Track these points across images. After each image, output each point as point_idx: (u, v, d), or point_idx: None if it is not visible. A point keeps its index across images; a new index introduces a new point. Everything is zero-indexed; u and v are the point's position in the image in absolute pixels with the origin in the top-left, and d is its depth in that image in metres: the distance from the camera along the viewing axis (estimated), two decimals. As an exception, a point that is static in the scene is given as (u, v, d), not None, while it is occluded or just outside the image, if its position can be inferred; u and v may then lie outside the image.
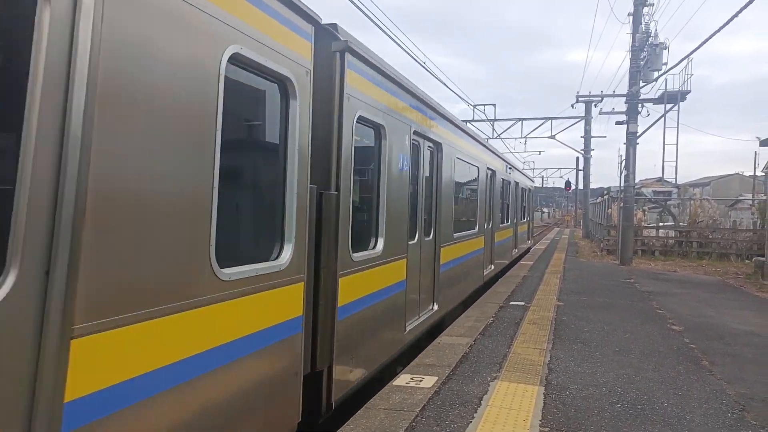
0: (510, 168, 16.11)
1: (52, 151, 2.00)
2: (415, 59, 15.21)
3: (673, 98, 22.15)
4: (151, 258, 2.43)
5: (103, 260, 2.18)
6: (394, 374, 5.80)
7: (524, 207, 20.30)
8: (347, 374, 4.84)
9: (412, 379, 5.44)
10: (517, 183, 17.63)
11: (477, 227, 10.67)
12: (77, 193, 2.06)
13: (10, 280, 1.87)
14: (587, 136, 35.27)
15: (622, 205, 20.42)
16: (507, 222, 15.52)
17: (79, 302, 2.08)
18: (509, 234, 16.04)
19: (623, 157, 21.04)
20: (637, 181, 21.89)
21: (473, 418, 4.51)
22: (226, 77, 2.98)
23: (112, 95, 2.21)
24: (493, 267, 12.89)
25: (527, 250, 21.53)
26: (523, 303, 9.95)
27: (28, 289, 1.93)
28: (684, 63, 20.49)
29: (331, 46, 4.46)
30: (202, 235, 2.79)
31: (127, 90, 2.30)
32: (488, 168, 12.09)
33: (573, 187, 52.57)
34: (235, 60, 3.12)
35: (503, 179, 14.55)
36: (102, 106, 2.16)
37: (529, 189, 22.29)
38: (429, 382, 5.35)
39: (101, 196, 2.17)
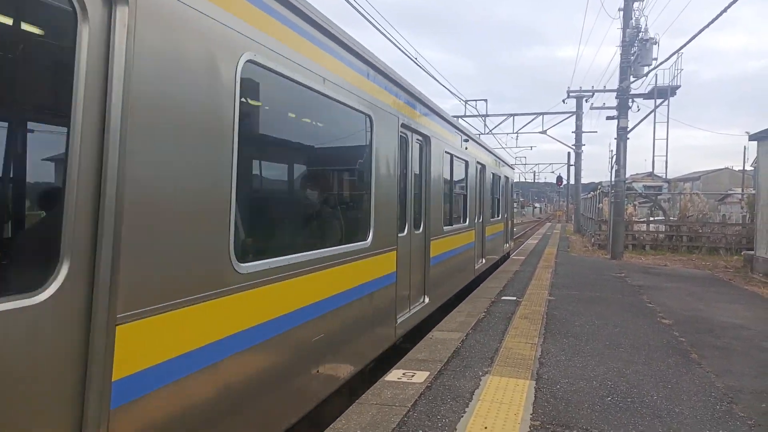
0: (468, 141, 10.99)
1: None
2: (406, 54, 15.20)
3: (663, 93, 22.32)
4: None
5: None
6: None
7: (498, 200, 15.52)
8: None
9: (404, 374, 5.45)
10: (483, 166, 12.83)
11: (368, 237, 5.57)
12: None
13: None
14: (578, 132, 35.42)
15: (612, 200, 20.53)
16: (464, 221, 10.65)
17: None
18: (467, 240, 10.89)
19: (614, 152, 21.16)
20: (627, 176, 22.02)
21: (465, 412, 4.52)
22: None
23: None
24: (427, 301, 7.75)
25: (504, 258, 17.31)
26: (514, 298, 9.99)
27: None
28: (674, 58, 20.67)
29: None
30: None
31: None
32: (406, 127, 6.87)
33: (564, 182, 52.88)
34: None
35: (453, 156, 9.58)
36: None
37: (506, 177, 17.47)
38: (421, 377, 5.36)
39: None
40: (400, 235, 6.55)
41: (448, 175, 9.34)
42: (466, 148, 10.80)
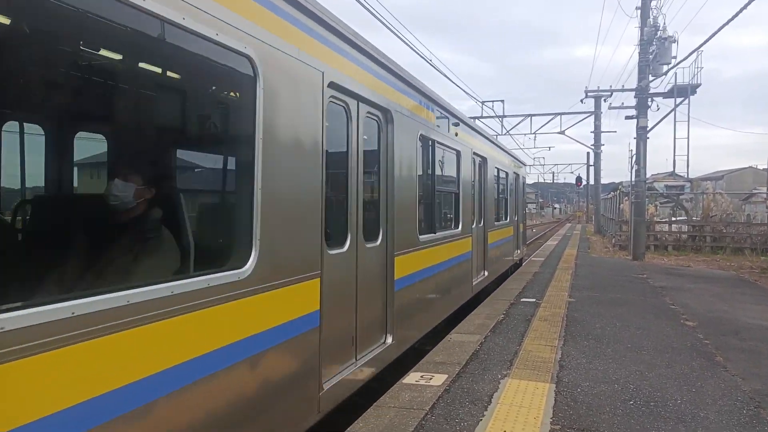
0: (459, 126, 8.71)
1: None
2: (420, 56, 15.20)
3: (683, 92, 21.98)
4: None
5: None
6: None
7: (505, 201, 13.58)
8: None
9: (422, 377, 5.42)
10: (483, 159, 10.73)
11: (246, 263, 3.33)
12: None
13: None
14: (597, 132, 35.06)
15: (633, 200, 20.25)
16: (455, 227, 8.61)
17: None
18: (460, 250, 8.78)
19: (634, 152, 20.87)
20: (648, 175, 21.74)
21: (483, 416, 4.47)
22: None
23: None
24: (390, 341, 5.64)
25: (516, 265, 15.53)
26: (534, 299, 9.89)
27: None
28: (693, 56, 20.35)
29: None
30: None
31: None
32: (343, 92, 4.69)
33: (584, 182, 52.36)
34: None
35: (436, 143, 7.44)
36: None
37: (516, 174, 15.23)
38: (439, 380, 5.33)
39: None
40: (331, 252, 4.41)
41: (427, 168, 7.22)
42: (457, 135, 8.54)
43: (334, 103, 4.58)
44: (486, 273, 10.97)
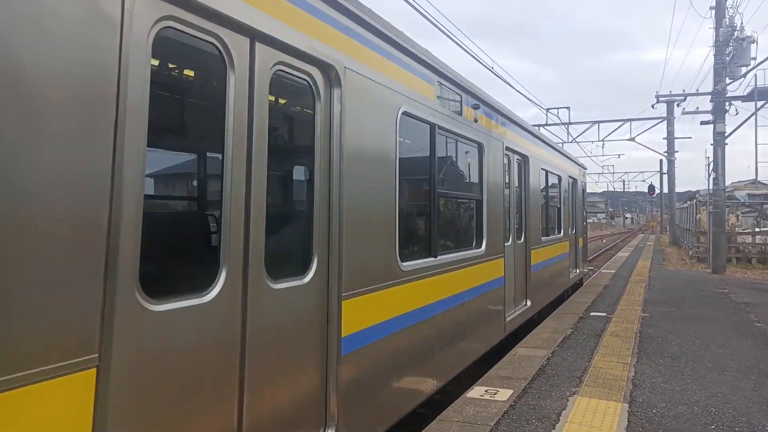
0: (479, 109, 6.53)
1: None
2: (482, 64, 15.04)
3: (764, 95, 20.69)
4: None
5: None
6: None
7: (558, 210, 11.56)
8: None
9: (486, 391, 5.30)
10: (524, 158, 8.74)
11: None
12: None
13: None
14: (670, 138, 33.47)
15: (711, 209, 19.16)
16: (478, 246, 6.49)
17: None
18: (487, 276, 6.61)
19: (711, 159, 19.76)
20: (728, 183, 20.54)
21: (551, 434, 4.32)
22: None
23: None
24: None
25: (575, 286, 13.72)
26: (604, 314, 9.49)
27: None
28: (777, 56, 19.11)
29: None
30: None
31: None
32: (242, 28, 2.81)
33: (657, 191, 50.10)
34: None
35: (436, 128, 5.29)
36: None
37: (572, 178, 13.21)
38: (504, 395, 5.19)
39: None
40: (157, 308, 2.38)
41: (420, 164, 5.31)
42: (476, 121, 6.44)
43: (182, 32, 2.57)
44: (529, 303, 8.63)
